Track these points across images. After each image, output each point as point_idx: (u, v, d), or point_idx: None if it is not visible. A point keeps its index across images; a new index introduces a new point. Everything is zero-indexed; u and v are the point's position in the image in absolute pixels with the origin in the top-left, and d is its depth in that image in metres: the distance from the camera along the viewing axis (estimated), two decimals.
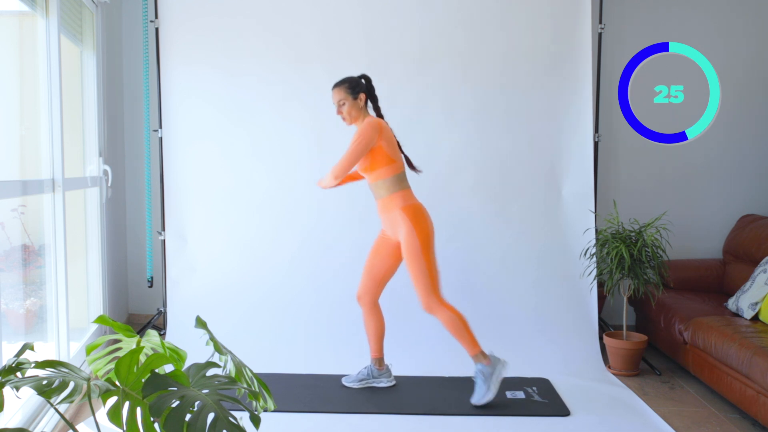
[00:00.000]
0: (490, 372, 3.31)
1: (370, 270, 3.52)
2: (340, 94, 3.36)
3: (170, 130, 4.34)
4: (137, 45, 4.64)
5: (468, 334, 3.32)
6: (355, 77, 3.42)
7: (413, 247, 3.28)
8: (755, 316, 3.72)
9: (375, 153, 3.30)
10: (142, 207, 4.72)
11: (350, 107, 3.35)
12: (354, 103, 3.35)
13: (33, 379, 1.49)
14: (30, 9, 3.09)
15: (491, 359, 3.34)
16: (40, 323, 3.34)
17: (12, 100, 3.28)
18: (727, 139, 4.85)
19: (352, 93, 3.35)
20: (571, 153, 4.41)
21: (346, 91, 3.35)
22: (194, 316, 1.79)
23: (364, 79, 3.43)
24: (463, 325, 3.31)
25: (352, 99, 3.35)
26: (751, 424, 3.26)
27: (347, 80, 3.39)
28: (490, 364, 3.32)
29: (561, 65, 4.38)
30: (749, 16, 4.82)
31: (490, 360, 3.34)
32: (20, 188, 2.89)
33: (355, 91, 3.35)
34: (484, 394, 3.30)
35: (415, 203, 3.36)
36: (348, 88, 3.35)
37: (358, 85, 3.38)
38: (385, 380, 3.60)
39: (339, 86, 3.38)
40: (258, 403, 1.74)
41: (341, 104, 3.36)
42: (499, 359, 3.36)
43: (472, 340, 3.33)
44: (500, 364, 3.34)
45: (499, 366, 3.33)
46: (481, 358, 3.33)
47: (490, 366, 3.32)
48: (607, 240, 3.98)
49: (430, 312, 3.33)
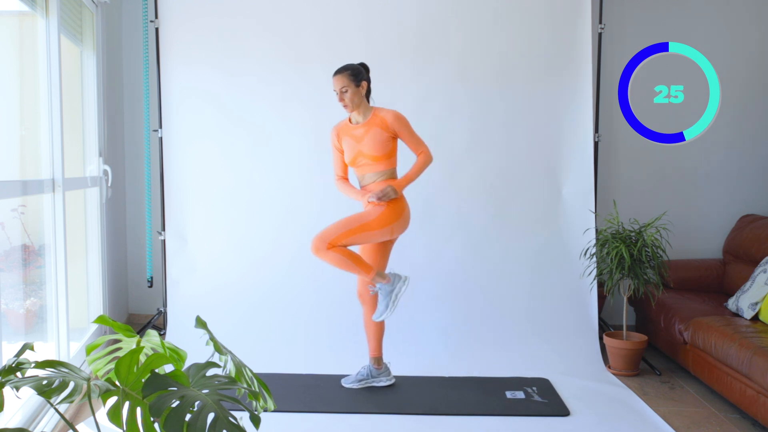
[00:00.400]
0: (389, 289, 3.35)
1: None
2: (343, 81, 3.36)
3: (170, 130, 4.34)
4: (137, 45, 4.64)
5: (357, 262, 3.31)
6: (356, 65, 3.43)
7: (369, 214, 3.32)
8: (755, 316, 3.72)
9: (393, 144, 3.41)
10: (142, 207, 4.72)
11: (352, 94, 3.36)
12: (356, 91, 3.36)
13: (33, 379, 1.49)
14: (30, 9, 3.09)
15: (391, 277, 3.38)
16: (40, 323, 3.34)
17: (12, 100, 3.28)
18: (727, 139, 4.85)
19: (355, 80, 3.36)
20: (571, 153, 4.41)
21: (348, 78, 3.36)
22: (194, 316, 1.79)
23: (364, 68, 3.45)
24: (349, 256, 3.29)
25: (355, 86, 3.36)
26: (751, 424, 3.26)
27: (349, 67, 3.40)
28: (389, 282, 3.36)
29: (561, 65, 4.38)
30: (749, 16, 4.82)
31: (390, 278, 3.37)
32: (20, 188, 2.89)
33: (358, 78, 3.37)
34: (383, 311, 3.36)
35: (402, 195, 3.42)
36: (351, 75, 3.36)
37: (360, 72, 3.39)
38: (385, 379, 3.60)
39: (341, 73, 3.38)
40: (258, 403, 1.74)
41: (343, 91, 3.36)
42: (399, 276, 3.39)
43: (363, 267, 3.33)
44: (401, 280, 3.38)
45: (399, 282, 3.37)
46: (379, 279, 3.36)
47: (390, 284, 3.36)
48: (607, 240, 3.98)
49: (316, 253, 3.30)
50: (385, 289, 3.37)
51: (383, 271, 3.43)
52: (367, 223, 3.30)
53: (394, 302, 3.35)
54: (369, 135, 3.36)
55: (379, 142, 3.35)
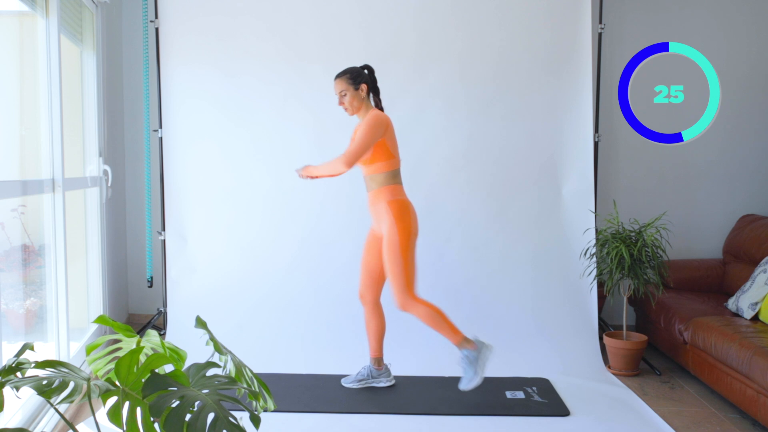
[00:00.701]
0: (475, 356, 3.33)
1: (366, 268, 3.54)
2: (342, 84, 3.37)
3: (170, 130, 4.34)
4: (137, 45, 4.64)
5: (447, 324, 3.33)
6: (358, 68, 3.43)
7: (392, 242, 3.30)
8: (755, 316, 3.72)
9: (378, 146, 3.32)
10: (142, 207, 4.72)
11: (352, 98, 3.36)
12: (356, 94, 3.36)
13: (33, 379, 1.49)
14: (30, 9, 3.09)
15: (476, 343, 3.36)
16: (40, 323, 3.34)
17: (12, 100, 3.28)
18: (727, 139, 4.85)
19: (354, 84, 3.36)
20: (571, 153, 4.41)
21: (347, 81, 3.37)
22: (194, 316, 1.79)
23: (366, 69, 3.45)
24: (441, 316, 3.31)
25: (354, 89, 3.36)
26: (751, 424, 3.26)
27: (349, 71, 3.40)
28: (476, 348, 3.34)
29: (561, 65, 4.38)
30: (749, 16, 4.82)
31: (476, 344, 3.35)
32: (20, 188, 2.89)
33: (357, 81, 3.37)
34: (472, 377, 3.33)
35: (402, 199, 3.37)
36: (350, 78, 3.37)
37: (360, 75, 3.39)
38: (384, 380, 3.60)
39: (341, 77, 3.39)
40: (258, 403, 1.74)
41: (343, 95, 3.37)
42: (484, 343, 3.37)
43: (453, 329, 3.33)
44: (485, 347, 3.36)
45: (484, 349, 3.35)
46: (466, 345, 3.35)
47: (476, 350, 3.34)
48: (607, 240, 3.98)
49: (405, 310, 3.33)
50: (472, 356, 3.33)
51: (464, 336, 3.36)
52: (400, 245, 3.29)
53: (482, 369, 3.32)
54: None
55: None
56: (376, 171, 3.35)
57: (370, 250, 3.51)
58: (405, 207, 3.36)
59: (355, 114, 3.41)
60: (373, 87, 3.45)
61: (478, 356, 3.33)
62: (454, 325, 3.35)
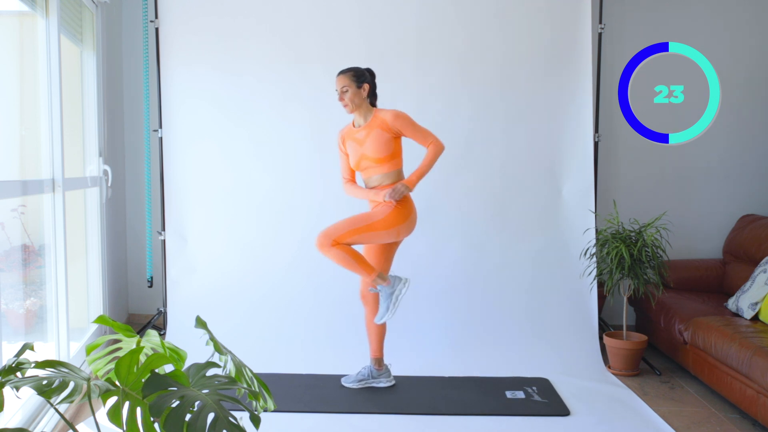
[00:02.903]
0: (390, 291, 3.36)
1: None
2: (344, 80, 3.38)
3: (170, 130, 4.34)
4: (137, 45, 4.64)
5: (360, 262, 3.32)
6: (362, 68, 3.44)
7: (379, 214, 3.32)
8: (755, 316, 3.72)
9: (396, 144, 3.39)
10: (142, 207, 4.72)
11: (353, 95, 3.37)
12: (357, 92, 3.37)
13: (33, 379, 1.49)
14: (30, 9, 3.09)
15: (391, 279, 3.39)
16: (40, 323, 3.34)
17: (12, 100, 3.28)
18: (727, 139, 4.85)
19: (357, 81, 3.37)
20: (571, 153, 4.41)
21: (350, 78, 3.38)
22: (194, 316, 1.79)
23: (369, 72, 3.45)
24: (352, 255, 3.30)
25: (356, 87, 3.37)
26: (751, 424, 3.26)
27: (353, 69, 3.42)
28: (390, 284, 3.37)
29: (561, 65, 4.38)
30: (749, 16, 4.82)
31: (390, 280, 3.38)
32: (20, 188, 2.89)
33: (360, 80, 3.38)
34: (384, 312, 3.37)
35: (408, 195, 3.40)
36: (353, 76, 3.38)
37: (363, 75, 3.41)
38: (384, 380, 3.60)
39: (344, 73, 3.41)
40: (258, 403, 1.74)
41: (344, 91, 3.38)
42: (400, 278, 3.40)
43: (365, 267, 3.34)
44: (401, 282, 3.39)
45: (399, 285, 3.38)
46: (380, 280, 3.37)
47: (390, 286, 3.37)
48: (607, 240, 3.98)
49: (320, 249, 3.32)
50: (386, 291, 3.38)
51: (385, 274, 3.43)
52: (373, 223, 3.31)
53: (395, 304, 3.36)
54: (370, 137, 3.36)
55: (381, 143, 3.35)
56: (392, 168, 3.40)
57: (369, 250, 3.52)
58: (409, 204, 3.40)
59: (354, 112, 3.41)
60: (373, 91, 3.45)
61: (392, 291, 3.36)
62: (367, 262, 3.36)
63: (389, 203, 3.32)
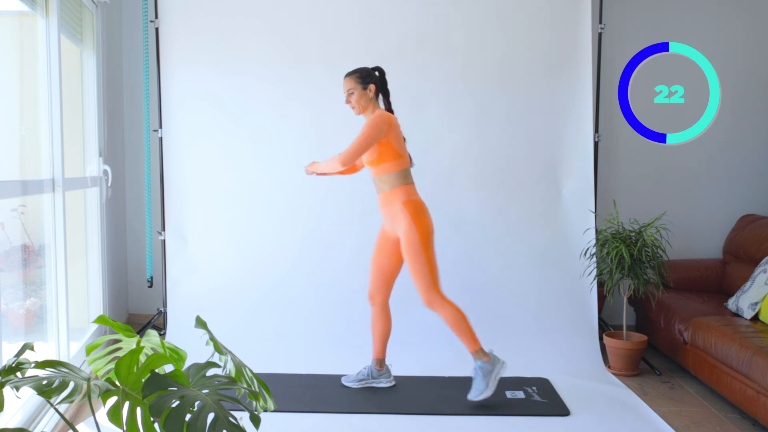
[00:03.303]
0: (489, 369, 3.32)
1: (377, 268, 3.52)
2: (350, 83, 3.37)
3: (170, 130, 4.34)
4: (137, 45, 4.64)
5: (468, 331, 3.33)
6: (368, 68, 3.43)
7: (413, 243, 3.28)
8: (755, 316, 3.72)
9: (383, 146, 3.31)
10: (142, 207, 4.72)
11: (359, 96, 3.36)
12: (363, 93, 3.36)
13: (33, 379, 1.49)
14: (30, 9, 3.09)
15: (491, 357, 3.35)
16: (40, 323, 3.34)
17: (12, 100, 3.28)
18: (727, 139, 4.85)
19: (362, 82, 3.36)
20: (571, 153, 4.41)
21: (356, 80, 3.36)
22: (194, 316, 1.79)
23: (377, 71, 3.44)
24: (464, 321, 3.32)
25: (362, 88, 3.36)
26: (751, 424, 3.26)
27: (359, 70, 3.41)
28: (490, 361, 3.33)
29: (561, 65, 4.38)
30: (749, 16, 4.82)
31: (491, 358, 3.35)
32: (20, 188, 2.89)
33: (365, 81, 3.36)
34: (482, 390, 3.31)
35: (416, 199, 3.36)
36: (359, 77, 3.37)
37: (369, 75, 3.39)
38: (385, 381, 3.60)
39: (350, 75, 3.40)
40: (258, 403, 1.74)
41: (350, 93, 3.37)
42: (498, 358, 3.37)
43: (472, 337, 3.34)
44: (500, 363, 3.36)
45: (498, 365, 3.35)
46: (482, 355, 3.34)
47: (490, 364, 3.33)
48: (607, 240, 3.98)
49: (431, 307, 3.34)
50: (485, 368, 3.33)
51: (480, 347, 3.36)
52: (419, 245, 3.27)
53: (494, 384, 3.31)
54: None
55: None
56: (386, 171, 3.33)
57: (382, 251, 3.50)
58: (421, 207, 3.34)
59: (362, 114, 3.40)
60: (383, 89, 3.43)
61: (492, 370, 3.33)
62: (475, 333, 3.35)
63: None
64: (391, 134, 3.30)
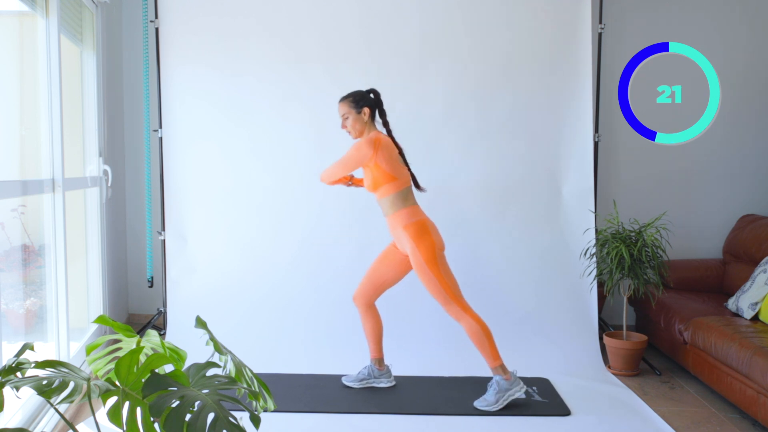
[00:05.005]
0: (506, 387, 3.29)
1: (372, 275, 3.52)
2: (344, 107, 3.36)
3: (170, 130, 4.34)
4: (137, 45, 4.64)
5: (489, 345, 3.28)
6: (362, 91, 3.41)
7: (418, 264, 3.30)
8: (755, 316, 3.72)
9: (375, 171, 3.30)
10: (142, 207, 4.72)
11: (354, 121, 3.35)
12: (357, 117, 3.35)
13: (33, 379, 1.49)
14: (30, 9, 3.09)
15: (513, 377, 3.31)
16: (40, 323, 3.34)
17: (12, 100, 3.28)
18: (727, 139, 4.85)
19: (356, 107, 3.34)
20: (571, 153, 4.41)
21: (349, 104, 3.35)
22: (194, 316, 1.79)
23: (372, 93, 3.41)
24: (485, 335, 3.28)
25: (356, 113, 3.34)
26: (751, 424, 3.26)
27: (352, 94, 3.39)
28: (510, 380, 3.30)
29: (561, 65, 4.38)
30: (749, 17, 4.82)
31: (511, 377, 3.31)
32: (20, 188, 2.89)
33: (359, 105, 3.34)
34: (490, 404, 3.28)
35: (417, 220, 3.32)
36: (352, 101, 3.35)
37: (363, 98, 3.36)
38: (385, 380, 3.60)
39: (344, 100, 3.38)
40: (258, 403, 1.74)
41: (345, 118, 3.37)
42: (519, 381, 3.33)
43: (492, 352, 3.29)
44: (519, 386, 3.30)
45: (516, 387, 3.30)
46: (501, 371, 3.30)
47: (509, 383, 3.30)
48: (607, 240, 3.98)
49: (455, 319, 3.33)
50: (503, 385, 3.28)
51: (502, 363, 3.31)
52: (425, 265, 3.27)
53: (504, 402, 3.27)
54: None
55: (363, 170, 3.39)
56: (384, 195, 3.33)
57: (386, 261, 3.50)
58: (422, 227, 3.31)
59: (358, 137, 3.39)
60: (379, 110, 3.40)
61: (508, 389, 3.29)
62: (497, 349, 3.31)
63: None
64: (379, 157, 3.26)
